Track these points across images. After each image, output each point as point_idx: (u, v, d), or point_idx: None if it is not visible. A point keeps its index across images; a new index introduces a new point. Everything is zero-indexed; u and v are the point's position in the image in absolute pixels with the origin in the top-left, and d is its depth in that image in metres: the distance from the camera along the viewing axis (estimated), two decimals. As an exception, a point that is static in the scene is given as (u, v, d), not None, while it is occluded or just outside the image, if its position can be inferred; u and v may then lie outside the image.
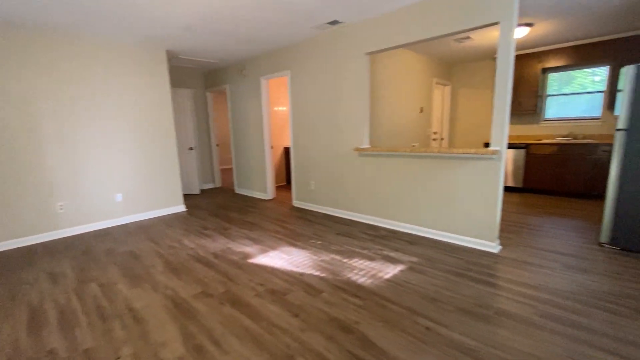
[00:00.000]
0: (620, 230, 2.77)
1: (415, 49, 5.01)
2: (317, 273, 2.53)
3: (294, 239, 3.33)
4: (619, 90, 2.80)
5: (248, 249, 3.12)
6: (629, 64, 2.75)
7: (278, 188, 6.28)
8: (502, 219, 3.77)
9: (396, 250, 2.95)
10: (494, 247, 2.85)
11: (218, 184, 6.72)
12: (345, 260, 2.75)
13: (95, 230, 3.91)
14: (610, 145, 4.30)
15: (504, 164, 2.78)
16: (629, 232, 2.73)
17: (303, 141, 4.50)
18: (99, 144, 3.92)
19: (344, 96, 3.85)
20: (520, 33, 3.86)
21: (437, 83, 5.93)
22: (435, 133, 6.54)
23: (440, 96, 6.33)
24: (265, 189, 5.33)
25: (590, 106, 4.97)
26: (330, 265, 2.66)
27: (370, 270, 2.54)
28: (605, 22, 3.86)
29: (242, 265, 2.75)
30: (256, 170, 5.44)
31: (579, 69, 4.98)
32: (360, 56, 3.59)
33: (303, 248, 3.08)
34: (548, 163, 4.82)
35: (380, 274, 2.48)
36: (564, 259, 2.65)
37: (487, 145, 5.35)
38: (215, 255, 2.98)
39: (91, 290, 2.39)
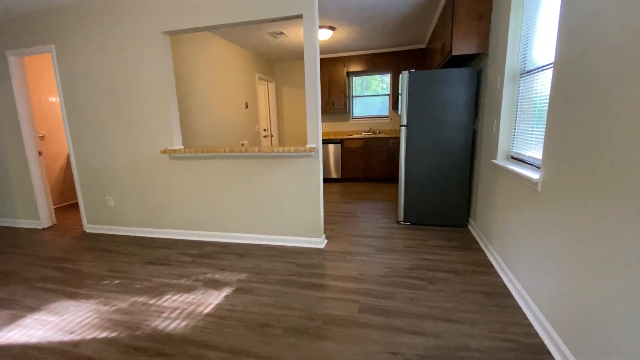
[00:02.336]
0: (409, 209, 3.36)
1: (234, 40, 4.63)
2: (104, 334, 1.78)
3: (76, 286, 2.34)
4: (400, 94, 3.34)
5: (-22, 323, 1.93)
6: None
7: (63, 210, 4.60)
8: (327, 211, 3.99)
9: (223, 269, 2.52)
10: (320, 242, 2.87)
11: (-52, 215, 4.28)
12: (152, 302, 2.09)
13: None
14: (398, 138, 5.34)
15: (322, 159, 2.81)
16: (414, 211, 3.34)
17: (89, 144, 3.33)
18: None
19: (143, 85, 3.02)
20: (325, 35, 4.13)
21: (261, 79, 5.80)
22: (265, 130, 6.47)
23: (265, 93, 6.27)
24: (36, 215, 3.72)
25: (382, 106, 6.06)
26: (129, 315, 1.95)
27: (187, 307, 2.01)
28: (385, 36, 4.66)
29: (-45, 360, 1.63)
30: (18, 188, 3.72)
31: (372, 74, 5.96)
32: (158, 36, 2.88)
33: (88, 297, 2.18)
34: (358, 155, 5.56)
35: (200, 308, 1.99)
36: (375, 242, 2.96)
37: (311, 141, 5.67)
38: None
39: None
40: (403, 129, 3.23)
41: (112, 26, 2.98)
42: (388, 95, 5.96)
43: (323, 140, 5.62)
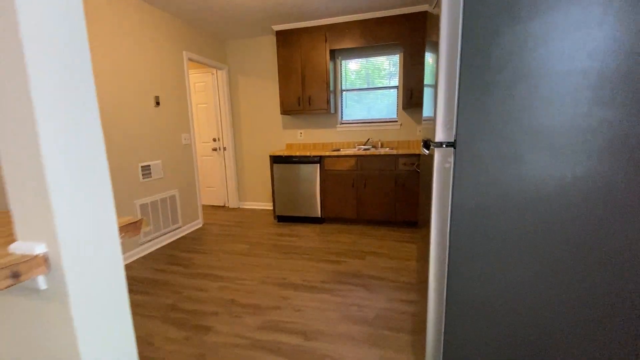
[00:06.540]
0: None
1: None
2: None
3: None
4: (428, 86, 1.27)
5: None
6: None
7: None
8: (262, 323, 1.86)
9: None
10: None
11: None
12: None
13: None
14: (412, 156, 3.21)
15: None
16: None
17: None
18: None
19: None
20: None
21: (196, 62, 3.73)
22: (215, 141, 4.45)
23: (213, 85, 4.21)
24: None
25: (388, 106, 3.93)
26: None
27: None
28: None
29: None
30: None
31: (371, 54, 3.83)
32: None
33: None
34: (347, 182, 3.43)
35: None
36: None
37: (278, 160, 3.58)
38: None
39: None
40: (439, 152, 1.11)
41: None
42: (397, 87, 3.84)
43: (293, 158, 3.52)
